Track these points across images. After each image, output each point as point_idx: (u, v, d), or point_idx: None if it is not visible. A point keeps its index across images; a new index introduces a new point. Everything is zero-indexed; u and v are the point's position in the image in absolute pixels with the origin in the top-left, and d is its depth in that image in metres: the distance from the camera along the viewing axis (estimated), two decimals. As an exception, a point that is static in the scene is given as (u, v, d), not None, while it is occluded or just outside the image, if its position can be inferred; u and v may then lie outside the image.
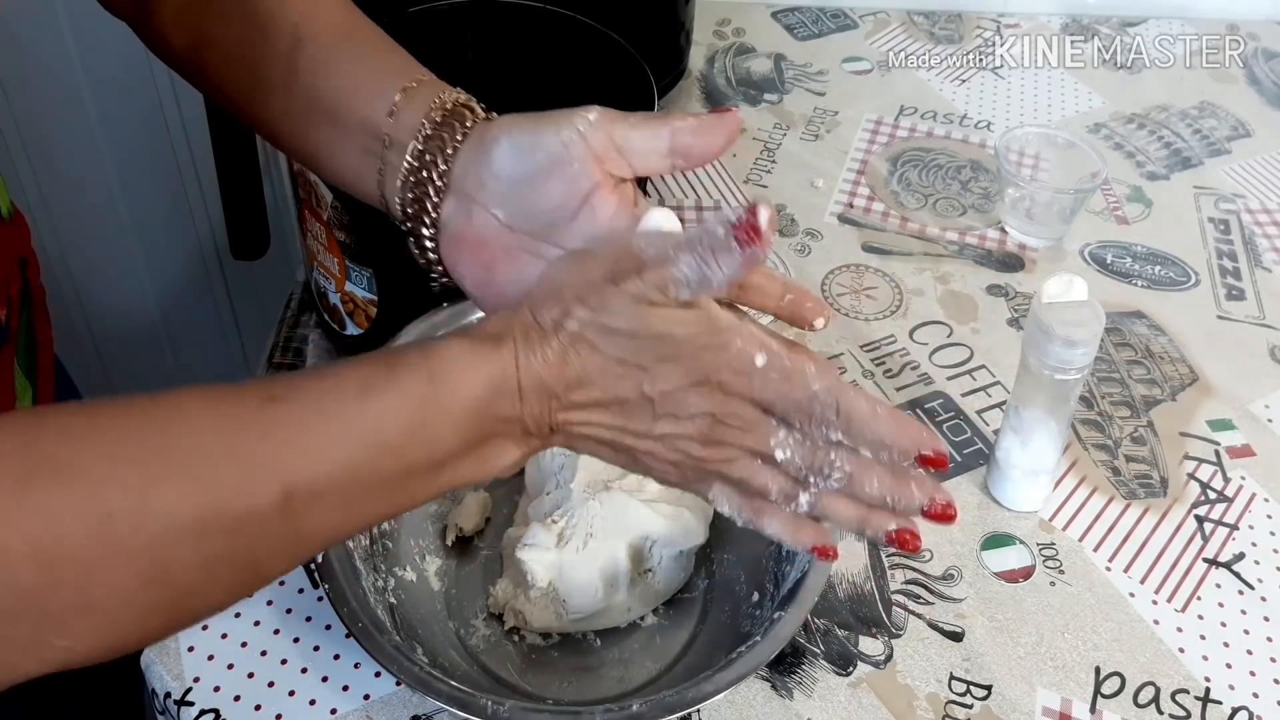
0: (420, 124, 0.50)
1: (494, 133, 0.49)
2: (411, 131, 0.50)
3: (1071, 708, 0.63)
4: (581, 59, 0.83)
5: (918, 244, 0.94)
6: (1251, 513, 0.74)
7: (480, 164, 0.49)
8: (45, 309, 0.70)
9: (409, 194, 0.51)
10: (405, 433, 0.42)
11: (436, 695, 0.51)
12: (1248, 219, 0.99)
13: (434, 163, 0.50)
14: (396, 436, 0.41)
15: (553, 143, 0.47)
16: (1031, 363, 0.66)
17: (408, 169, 0.50)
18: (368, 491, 0.42)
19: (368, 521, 0.44)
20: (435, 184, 0.50)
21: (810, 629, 0.65)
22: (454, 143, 0.50)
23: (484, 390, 0.44)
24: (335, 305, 0.75)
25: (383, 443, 0.41)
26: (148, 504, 0.37)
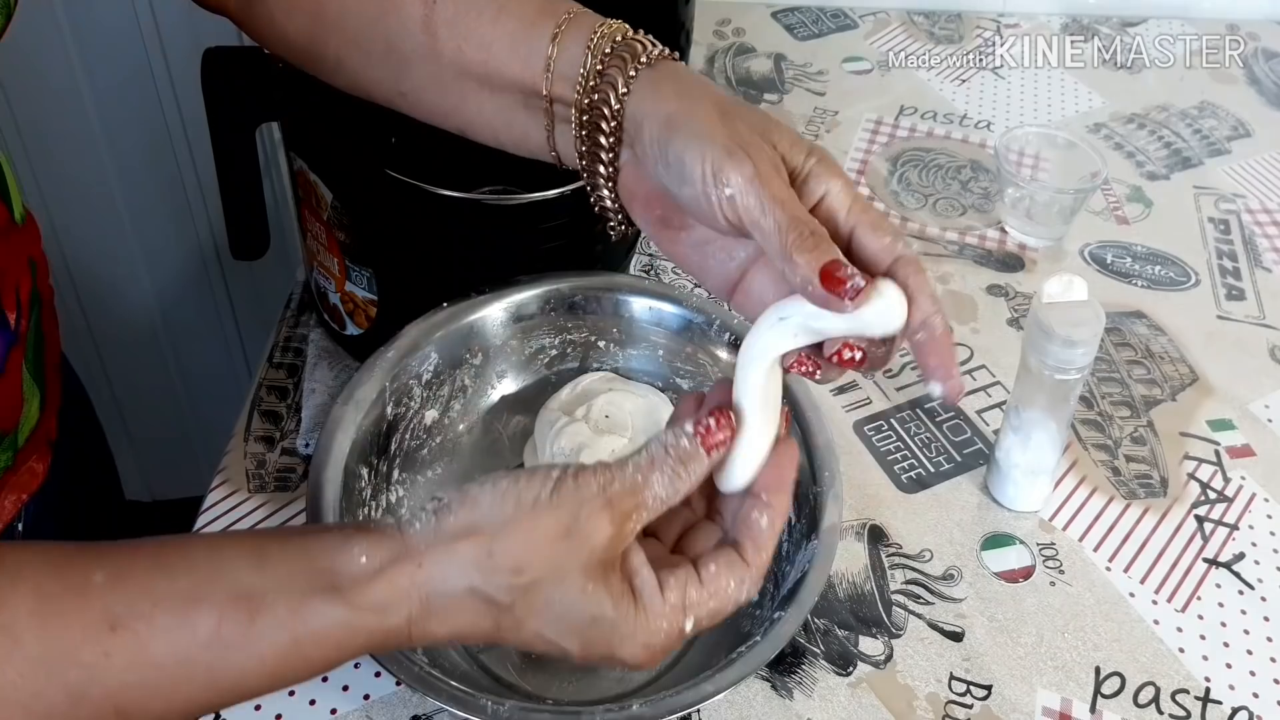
0: (579, 75, 0.47)
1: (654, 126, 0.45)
2: (573, 83, 0.47)
3: (1071, 708, 0.63)
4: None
5: (918, 244, 0.94)
6: (1251, 513, 0.74)
7: (644, 130, 0.46)
8: (54, 310, 0.70)
9: (582, 145, 0.48)
10: (257, 687, 0.40)
11: (436, 695, 0.51)
12: (1248, 219, 0.99)
13: (601, 114, 0.47)
14: (250, 684, 0.40)
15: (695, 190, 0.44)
16: (1031, 363, 0.66)
17: (576, 122, 0.48)
18: (215, 707, 0.41)
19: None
20: (605, 135, 0.47)
21: (810, 629, 0.65)
22: (619, 94, 0.46)
23: (356, 653, 0.42)
24: (335, 305, 0.75)
25: (233, 687, 0.40)
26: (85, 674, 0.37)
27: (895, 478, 0.74)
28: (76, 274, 1.34)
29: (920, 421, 0.78)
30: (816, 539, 0.59)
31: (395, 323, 0.67)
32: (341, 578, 0.41)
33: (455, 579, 0.41)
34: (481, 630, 0.42)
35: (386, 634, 0.41)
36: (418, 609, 0.41)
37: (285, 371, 0.79)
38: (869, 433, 0.77)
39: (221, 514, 0.70)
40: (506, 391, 0.72)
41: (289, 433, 0.75)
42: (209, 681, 0.39)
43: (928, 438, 0.77)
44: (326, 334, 0.80)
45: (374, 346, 0.66)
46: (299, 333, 0.82)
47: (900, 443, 0.77)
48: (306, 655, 0.40)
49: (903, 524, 0.72)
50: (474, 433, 0.71)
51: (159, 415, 1.48)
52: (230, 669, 0.39)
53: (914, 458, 0.76)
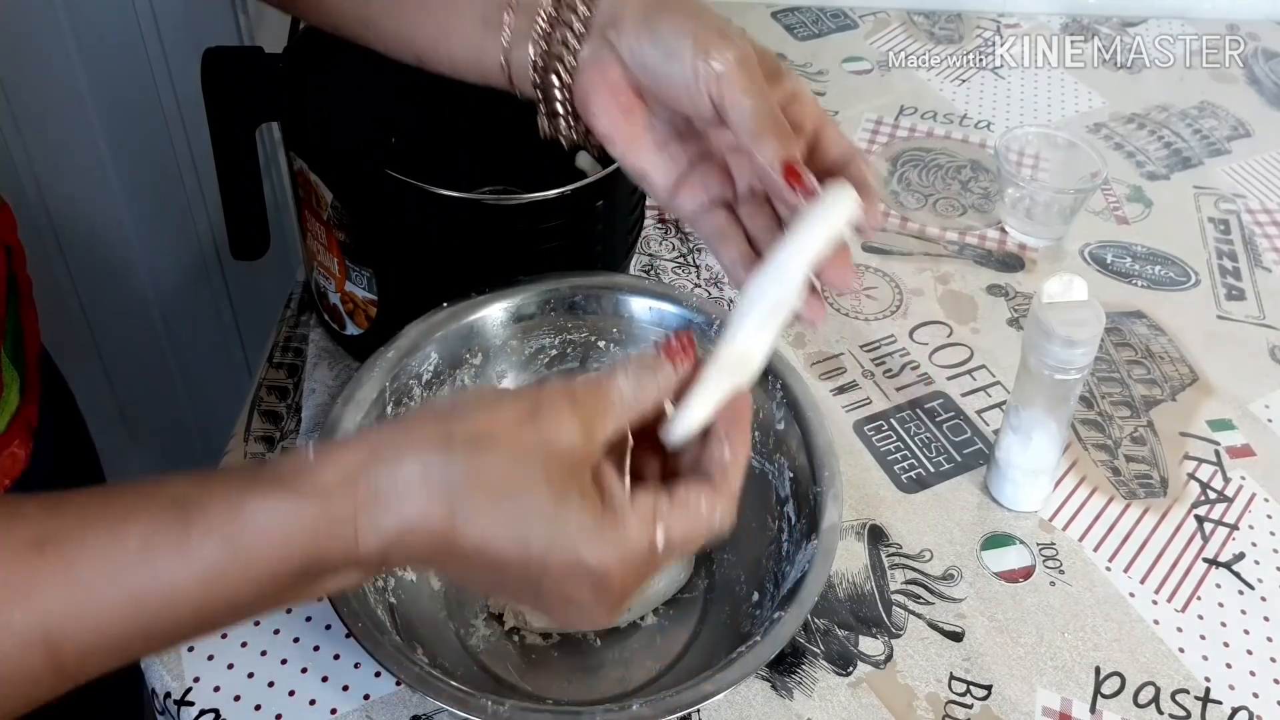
0: None
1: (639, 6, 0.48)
2: None
3: (1071, 708, 0.63)
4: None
5: (918, 244, 0.94)
6: (1251, 513, 0.74)
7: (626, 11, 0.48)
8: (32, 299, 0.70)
9: (541, 50, 0.50)
10: (191, 614, 0.38)
11: (436, 695, 0.51)
12: (1248, 219, 0.99)
13: (573, 7, 0.49)
14: (181, 603, 0.37)
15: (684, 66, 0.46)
16: (1031, 363, 0.66)
17: (543, 19, 0.49)
18: (151, 641, 0.38)
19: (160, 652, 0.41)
20: (575, 28, 0.49)
21: (810, 629, 0.65)
22: None
23: (298, 561, 0.38)
24: (335, 305, 0.75)
25: (164, 605, 0.37)
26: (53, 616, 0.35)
27: (895, 478, 0.74)
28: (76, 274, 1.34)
29: (920, 421, 0.78)
30: (816, 539, 0.59)
31: (395, 323, 0.67)
32: (285, 469, 0.39)
33: (409, 459, 0.39)
34: (433, 526, 0.39)
35: (331, 526, 0.38)
36: (365, 494, 0.39)
37: (285, 371, 0.79)
38: (869, 433, 0.77)
39: (221, 514, 0.70)
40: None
41: (289, 433, 0.75)
42: (138, 602, 0.37)
43: (928, 438, 0.77)
44: (326, 334, 0.80)
45: (374, 346, 0.66)
46: (299, 333, 0.82)
47: (900, 443, 0.77)
48: (244, 563, 0.37)
49: (903, 524, 0.72)
50: (474, 433, 0.71)
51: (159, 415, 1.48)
52: (161, 585, 0.37)
53: (914, 458, 0.76)
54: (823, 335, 0.84)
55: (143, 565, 0.37)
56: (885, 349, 0.84)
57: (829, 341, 0.84)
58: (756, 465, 0.68)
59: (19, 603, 0.35)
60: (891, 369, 0.82)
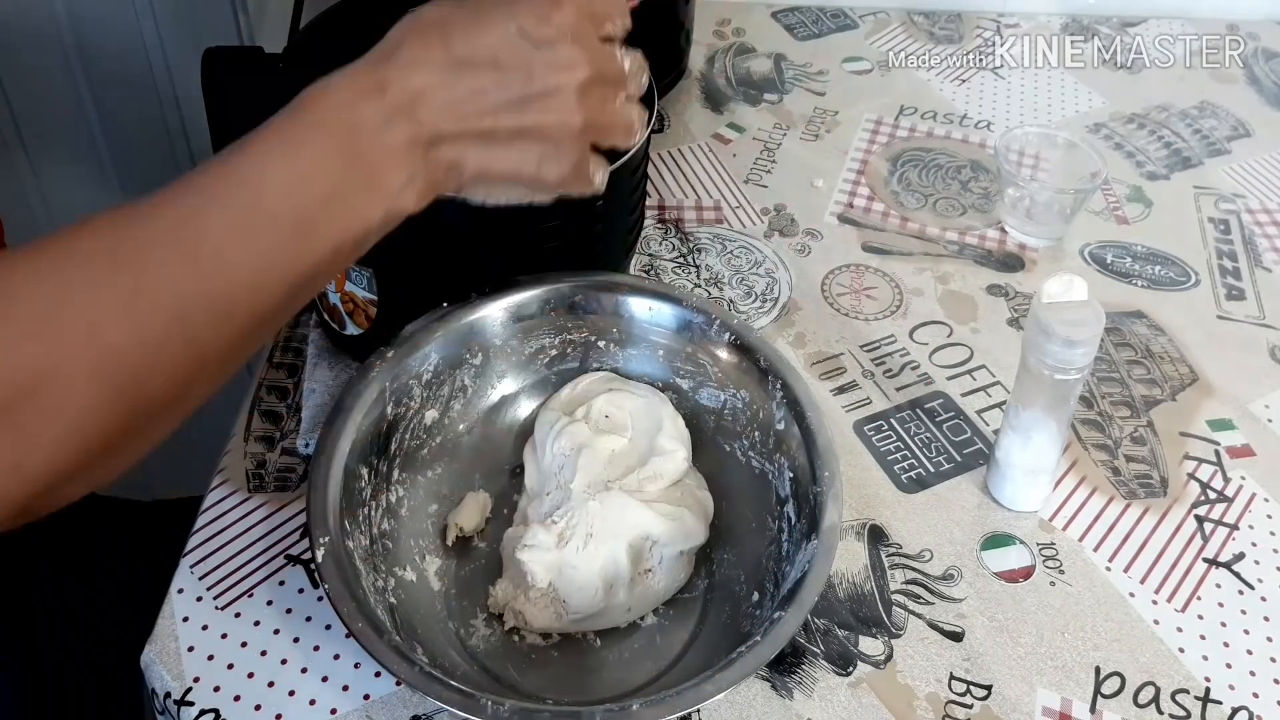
0: None
1: None
2: None
3: (1071, 708, 0.63)
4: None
5: (918, 244, 0.94)
6: (1251, 513, 0.74)
7: None
8: None
9: None
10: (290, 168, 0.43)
11: (436, 695, 0.51)
12: (1248, 219, 0.99)
13: None
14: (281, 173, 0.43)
15: None
16: (1031, 363, 0.66)
17: None
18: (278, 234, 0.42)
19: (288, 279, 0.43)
20: None
21: (810, 629, 0.65)
22: None
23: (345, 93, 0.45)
24: (335, 305, 0.75)
25: (271, 184, 0.42)
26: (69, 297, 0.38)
27: (895, 478, 0.74)
28: (76, 274, 1.34)
29: (920, 421, 0.78)
30: (816, 539, 0.59)
31: (395, 323, 0.67)
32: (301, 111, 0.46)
33: None
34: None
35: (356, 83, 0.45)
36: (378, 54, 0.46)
37: (285, 371, 0.79)
38: (869, 433, 0.77)
39: (221, 514, 0.70)
40: (506, 391, 0.72)
41: (289, 433, 0.75)
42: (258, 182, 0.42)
43: (928, 438, 0.77)
44: (326, 334, 0.80)
45: (374, 346, 0.66)
46: (299, 333, 0.82)
47: (900, 443, 0.77)
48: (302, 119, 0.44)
49: (903, 524, 0.72)
50: (474, 433, 0.71)
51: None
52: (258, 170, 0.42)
53: (914, 458, 0.76)
54: (823, 335, 0.84)
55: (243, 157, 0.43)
56: (885, 349, 0.84)
57: (829, 341, 0.84)
58: (756, 465, 0.68)
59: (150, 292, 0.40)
60: (891, 369, 0.82)
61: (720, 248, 0.91)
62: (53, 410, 0.37)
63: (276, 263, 0.42)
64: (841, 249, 0.92)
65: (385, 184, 0.45)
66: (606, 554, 0.63)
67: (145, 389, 0.39)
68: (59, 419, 0.37)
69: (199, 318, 0.41)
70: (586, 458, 0.66)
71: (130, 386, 0.39)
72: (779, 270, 0.90)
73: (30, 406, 0.36)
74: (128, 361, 0.38)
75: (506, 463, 0.72)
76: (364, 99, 0.45)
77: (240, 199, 0.42)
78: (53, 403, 0.37)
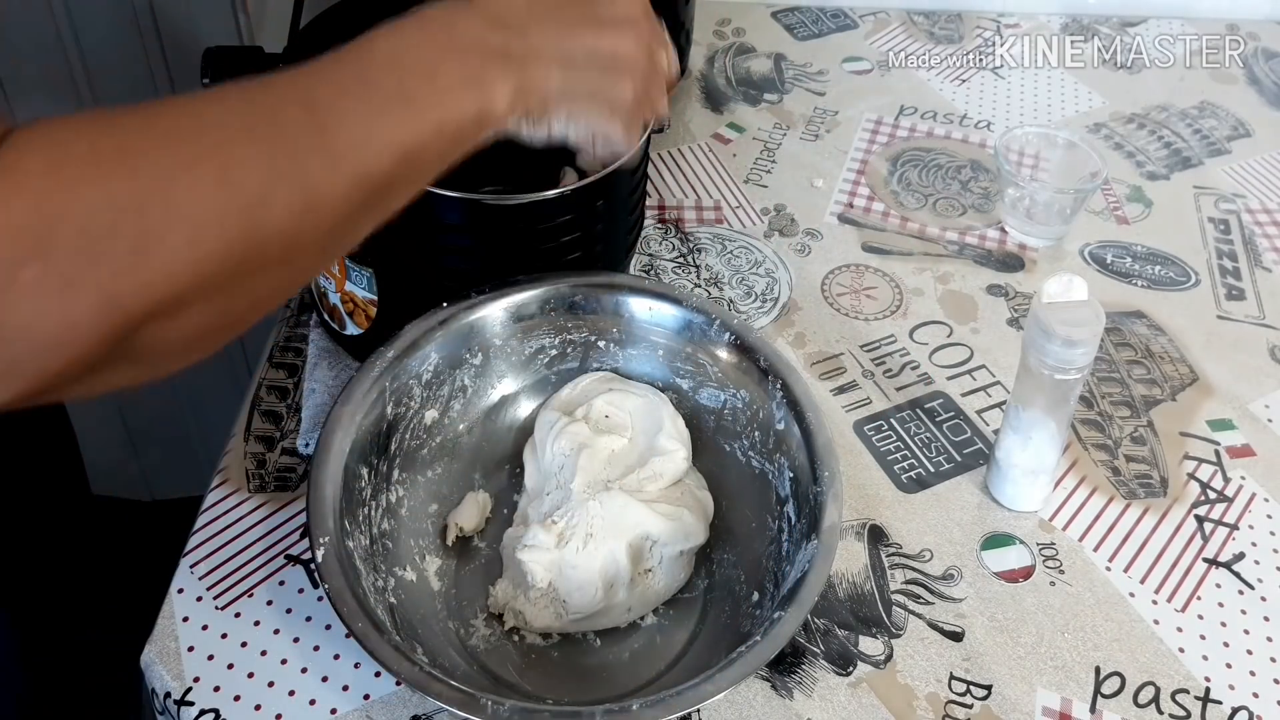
0: None
1: None
2: None
3: (1071, 708, 0.63)
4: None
5: (918, 244, 0.94)
6: (1251, 513, 0.74)
7: None
8: None
9: None
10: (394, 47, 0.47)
11: (436, 695, 0.51)
12: (1248, 219, 0.99)
13: None
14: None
15: None
16: (1031, 363, 0.66)
17: None
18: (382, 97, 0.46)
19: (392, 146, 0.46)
20: None
21: (810, 629, 0.65)
22: None
23: None
24: (335, 305, 0.75)
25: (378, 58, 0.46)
26: (205, 118, 0.41)
27: (895, 478, 0.74)
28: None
29: (920, 421, 0.78)
30: (816, 539, 0.59)
31: (395, 323, 0.67)
32: None
33: None
34: None
35: None
36: None
37: (285, 371, 0.79)
38: (869, 433, 0.77)
39: (221, 514, 0.70)
40: (506, 391, 0.72)
41: (289, 433, 0.75)
42: None
43: (928, 438, 0.77)
44: (326, 334, 0.80)
45: (374, 346, 0.66)
46: (299, 333, 0.82)
47: (900, 443, 0.77)
48: None
49: (903, 524, 0.72)
50: (474, 433, 0.71)
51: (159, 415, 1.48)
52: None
53: (914, 458, 0.76)
54: (823, 335, 0.84)
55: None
56: (885, 349, 0.84)
57: (829, 341, 0.84)
58: (756, 465, 0.68)
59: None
60: (891, 369, 0.82)
61: (720, 248, 0.92)
62: (177, 214, 0.38)
63: (381, 125, 0.45)
64: (841, 249, 0.92)
65: (480, 78, 0.49)
66: (606, 554, 0.63)
67: (261, 219, 0.41)
68: (181, 225, 0.38)
69: (312, 162, 0.43)
70: (586, 458, 0.66)
71: (247, 211, 0.40)
72: (779, 270, 0.90)
73: (157, 204, 0.38)
74: (248, 182, 0.40)
75: (506, 463, 0.72)
76: (460, 10, 0.50)
77: (350, 66, 0.46)
78: (178, 206, 0.38)
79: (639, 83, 0.56)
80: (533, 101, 0.52)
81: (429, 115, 0.47)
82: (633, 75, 0.55)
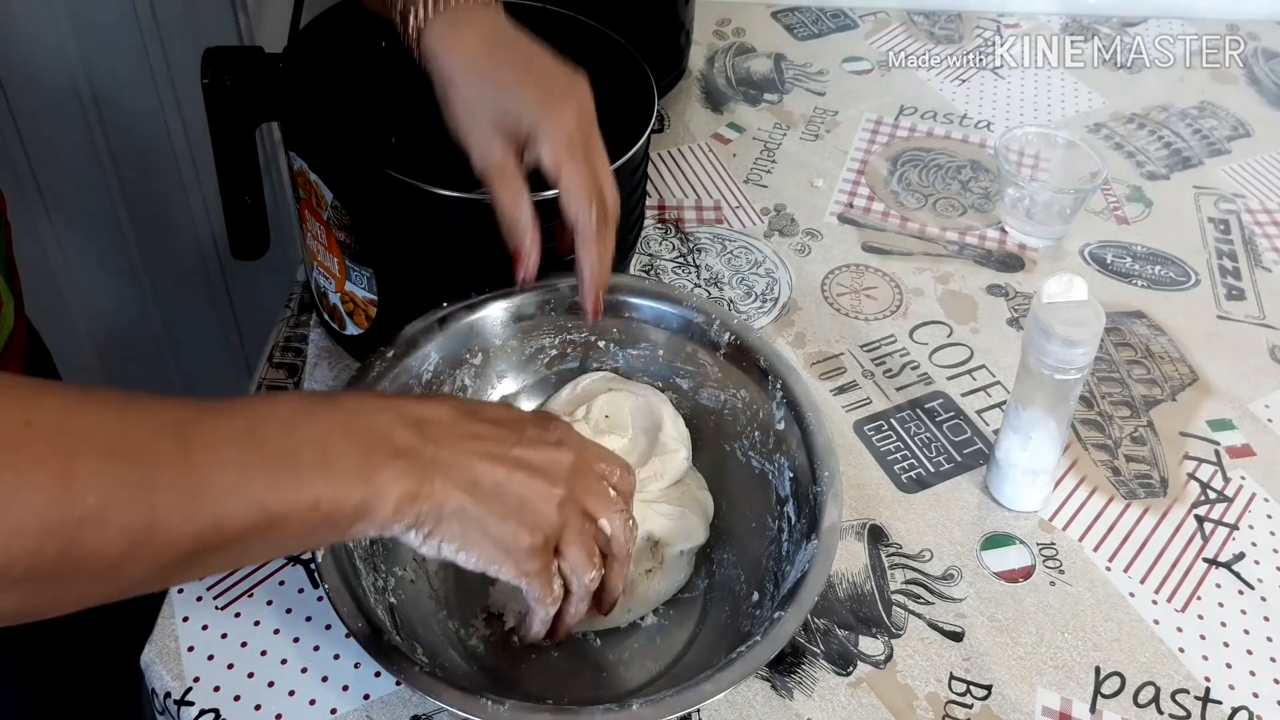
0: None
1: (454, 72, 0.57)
2: None
3: (1071, 708, 0.63)
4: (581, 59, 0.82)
5: (918, 244, 0.94)
6: (1251, 513, 0.74)
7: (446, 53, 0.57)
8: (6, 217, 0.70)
9: None
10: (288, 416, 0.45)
11: (436, 695, 0.51)
12: (1248, 219, 0.99)
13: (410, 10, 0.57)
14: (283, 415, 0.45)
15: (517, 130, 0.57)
16: (1031, 363, 0.66)
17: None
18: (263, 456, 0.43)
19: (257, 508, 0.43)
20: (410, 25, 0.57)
21: (810, 629, 0.65)
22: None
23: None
24: (335, 305, 0.75)
25: (277, 417, 0.45)
26: (64, 419, 0.39)
27: (895, 478, 0.74)
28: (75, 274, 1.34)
29: (920, 421, 0.78)
30: (816, 539, 0.59)
31: (395, 323, 0.67)
32: None
33: None
34: None
35: None
36: None
37: (285, 371, 0.79)
38: (869, 433, 0.77)
39: (221, 514, 0.70)
40: (506, 391, 0.72)
41: (289, 433, 0.75)
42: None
43: (928, 438, 0.77)
44: (326, 334, 0.80)
45: (374, 346, 0.66)
46: (299, 333, 0.82)
47: (900, 443, 0.77)
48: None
49: (903, 524, 0.72)
50: (474, 433, 0.71)
51: (159, 415, 1.48)
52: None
53: (914, 458, 0.76)
54: (823, 335, 0.84)
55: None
56: (885, 349, 0.84)
57: (829, 341, 0.84)
58: (756, 465, 0.68)
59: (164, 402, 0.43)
60: (891, 369, 0.82)
61: (720, 248, 0.92)
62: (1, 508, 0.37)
63: (253, 483, 0.42)
64: (841, 249, 0.92)
65: (374, 473, 0.46)
66: (606, 554, 0.62)
67: (88, 537, 0.39)
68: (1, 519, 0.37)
69: (164, 497, 0.40)
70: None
71: (76, 525, 0.38)
72: (779, 270, 0.90)
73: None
74: (87, 498, 0.38)
75: (506, 463, 0.72)
76: (382, 403, 0.49)
77: (244, 415, 0.44)
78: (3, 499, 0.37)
79: (540, 535, 0.51)
80: (423, 515, 0.48)
81: (307, 489, 0.44)
82: (535, 527, 0.51)
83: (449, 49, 0.57)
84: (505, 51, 0.57)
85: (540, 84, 0.56)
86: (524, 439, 0.52)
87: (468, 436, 0.50)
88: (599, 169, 0.58)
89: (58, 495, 0.38)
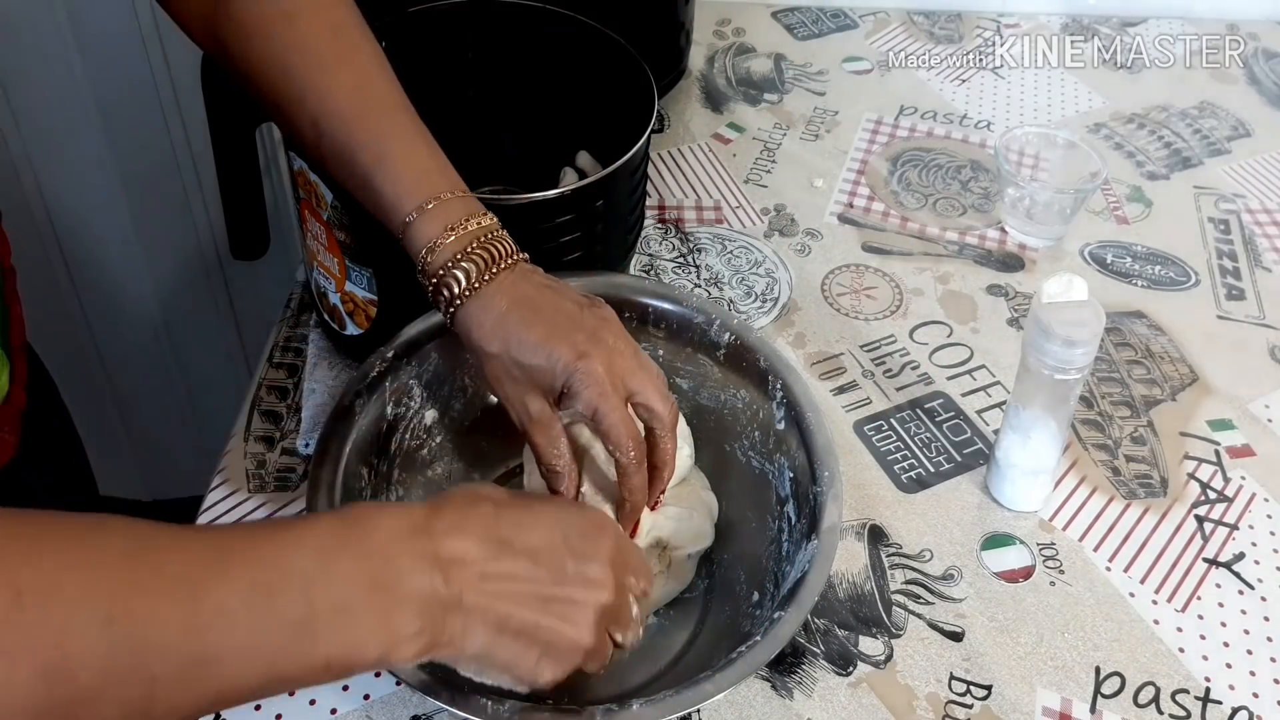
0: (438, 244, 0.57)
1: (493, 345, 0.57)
2: (434, 250, 0.57)
3: (1071, 708, 0.63)
4: (581, 59, 0.83)
5: (918, 244, 0.94)
6: (1251, 513, 0.74)
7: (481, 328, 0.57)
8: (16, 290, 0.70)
9: (431, 280, 0.58)
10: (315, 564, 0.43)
11: (436, 695, 0.51)
12: (1248, 219, 0.99)
13: (449, 286, 0.57)
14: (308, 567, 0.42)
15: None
16: (1031, 363, 0.66)
17: (425, 270, 0.58)
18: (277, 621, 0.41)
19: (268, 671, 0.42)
20: (448, 299, 0.57)
21: (810, 629, 0.65)
22: (471, 284, 0.57)
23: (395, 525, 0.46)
24: (335, 305, 0.75)
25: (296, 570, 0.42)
26: (60, 588, 0.36)
27: (895, 478, 0.74)
28: (75, 274, 1.34)
29: (920, 421, 0.78)
30: (816, 539, 0.59)
31: (395, 323, 0.67)
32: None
33: None
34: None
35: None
36: None
37: (285, 371, 0.79)
38: (869, 433, 0.77)
39: (222, 514, 0.70)
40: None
41: (289, 433, 0.75)
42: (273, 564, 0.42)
43: (928, 438, 0.77)
44: (326, 334, 0.80)
45: (374, 346, 0.66)
46: (299, 333, 0.82)
47: (900, 443, 0.77)
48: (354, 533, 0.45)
49: (903, 524, 0.72)
50: (474, 433, 0.71)
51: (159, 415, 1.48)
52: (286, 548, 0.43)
53: (914, 458, 0.76)
54: (823, 335, 0.84)
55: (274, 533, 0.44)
56: (885, 349, 0.84)
57: (829, 341, 0.84)
58: (756, 465, 0.68)
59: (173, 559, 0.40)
60: (891, 369, 0.82)
61: (720, 248, 0.92)
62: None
63: (265, 647, 0.41)
64: (841, 249, 0.92)
65: (396, 624, 0.44)
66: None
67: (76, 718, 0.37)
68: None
69: (169, 667, 0.39)
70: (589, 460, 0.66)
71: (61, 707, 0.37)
72: (779, 270, 0.90)
73: None
74: (80, 678, 0.37)
75: (506, 463, 0.72)
76: (409, 538, 0.46)
77: (257, 573, 0.41)
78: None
79: (562, 671, 0.51)
80: (443, 653, 0.47)
81: (321, 650, 0.42)
82: (558, 665, 0.50)
83: (479, 325, 0.57)
84: (533, 314, 0.56)
85: (568, 338, 0.55)
86: (564, 579, 0.50)
87: (499, 578, 0.48)
88: (644, 392, 0.58)
89: (51, 680, 0.36)
